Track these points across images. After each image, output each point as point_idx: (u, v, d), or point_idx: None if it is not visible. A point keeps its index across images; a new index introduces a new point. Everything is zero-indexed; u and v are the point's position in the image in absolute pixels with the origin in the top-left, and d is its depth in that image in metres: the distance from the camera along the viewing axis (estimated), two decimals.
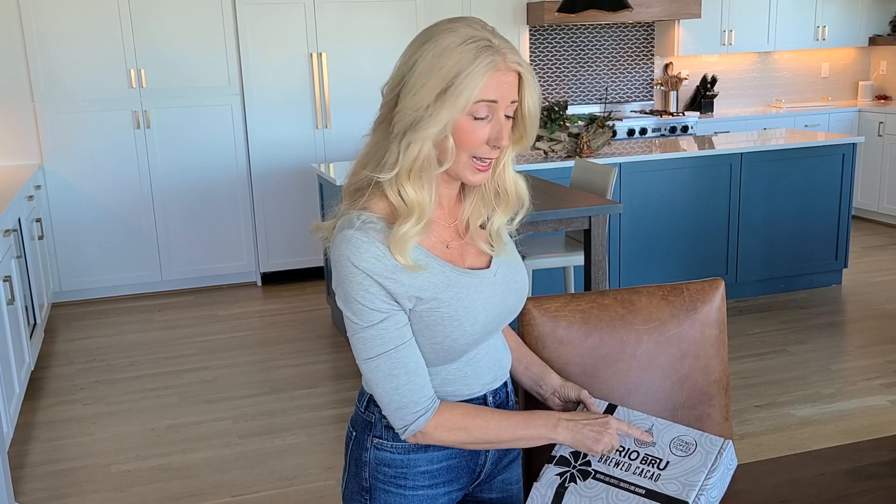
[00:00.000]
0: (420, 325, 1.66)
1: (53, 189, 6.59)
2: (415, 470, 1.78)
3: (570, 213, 4.51)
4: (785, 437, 4.22)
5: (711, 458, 1.67)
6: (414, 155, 1.60)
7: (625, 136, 7.76)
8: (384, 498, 1.80)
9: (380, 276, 1.61)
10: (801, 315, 5.96)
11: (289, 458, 4.18)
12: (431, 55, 1.58)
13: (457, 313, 1.67)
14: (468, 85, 1.56)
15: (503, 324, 1.81)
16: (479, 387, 1.79)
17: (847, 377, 4.92)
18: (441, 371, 1.74)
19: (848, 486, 1.85)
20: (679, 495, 1.61)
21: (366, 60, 6.93)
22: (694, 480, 1.63)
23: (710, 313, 2.09)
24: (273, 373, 5.24)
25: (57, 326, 6.24)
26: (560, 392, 1.91)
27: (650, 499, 1.63)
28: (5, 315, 4.37)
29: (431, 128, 1.58)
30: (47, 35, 6.39)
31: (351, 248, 1.61)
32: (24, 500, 3.85)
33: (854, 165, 6.40)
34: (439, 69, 1.57)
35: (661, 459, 1.69)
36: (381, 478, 1.79)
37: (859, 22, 8.86)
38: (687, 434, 1.73)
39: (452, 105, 1.57)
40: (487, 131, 1.62)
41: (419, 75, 1.58)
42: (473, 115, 1.60)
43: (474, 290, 1.70)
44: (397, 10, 6.97)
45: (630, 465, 1.70)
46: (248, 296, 6.88)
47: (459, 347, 1.70)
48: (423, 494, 1.80)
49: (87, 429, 4.59)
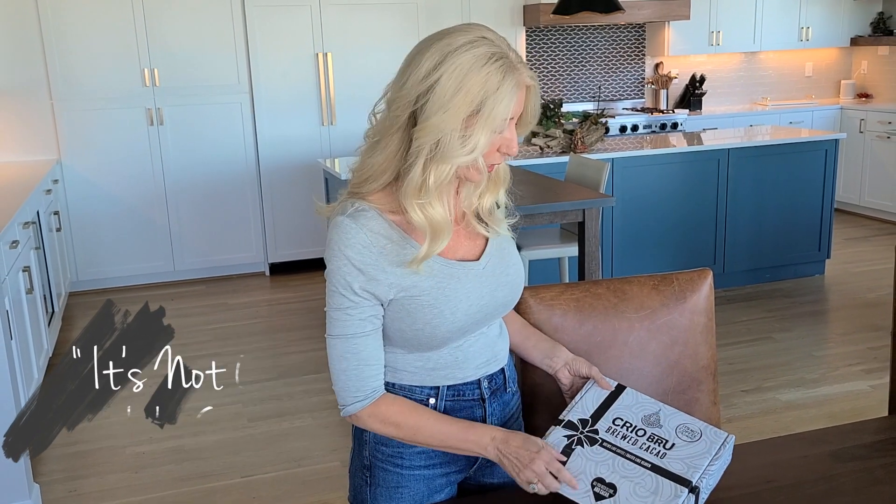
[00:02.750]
0: (402, 312, 1.66)
1: (70, 183, 6.58)
2: (411, 450, 1.78)
3: (564, 206, 4.50)
4: (770, 420, 4.22)
5: (716, 447, 1.67)
6: (443, 176, 1.58)
7: (617, 132, 7.74)
8: (382, 476, 1.80)
9: (362, 264, 1.62)
10: (786, 304, 5.95)
11: (296, 440, 4.18)
12: (456, 74, 1.53)
13: (437, 302, 1.65)
14: (500, 109, 1.54)
15: (494, 316, 1.79)
16: (471, 371, 1.78)
17: (830, 363, 4.91)
18: (433, 356, 1.73)
19: (830, 467, 1.84)
20: (683, 474, 1.61)
21: (369, 60, 6.92)
22: (698, 464, 1.63)
23: (699, 302, 2.08)
24: (281, 359, 5.24)
25: (74, 314, 6.23)
26: (572, 365, 1.87)
27: (656, 472, 1.62)
28: (25, 303, 4.37)
29: (465, 150, 1.56)
30: (65, 36, 6.38)
31: (340, 234, 1.62)
32: (42, 480, 3.85)
33: (836, 161, 6.39)
34: (467, 91, 1.53)
35: (668, 441, 1.68)
36: (380, 456, 1.79)
37: (841, 23, 8.84)
38: (693, 423, 1.73)
39: (487, 128, 1.55)
40: (499, 140, 1.62)
41: (445, 95, 1.53)
42: (498, 132, 1.59)
43: (457, 282, 1.68)
44: (399, 12, 6.96)
45: (637, 441, 1.69)
46: (257, 285, 6.87)
47: (441, 335, 1.68)
48: (419, 474, 1.79)
49: (102, 412, 4.57)
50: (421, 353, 1.73)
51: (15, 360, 3.70)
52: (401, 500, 1.79)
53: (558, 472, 1.62)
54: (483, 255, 1.75)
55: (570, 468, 1.65)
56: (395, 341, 1.72)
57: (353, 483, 1.86)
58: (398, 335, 1.70)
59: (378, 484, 1.80)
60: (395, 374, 1.75)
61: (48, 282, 5.39)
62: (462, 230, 1.75)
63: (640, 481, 1.61)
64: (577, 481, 1.63)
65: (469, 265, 1.72)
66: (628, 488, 1.61)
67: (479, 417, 1.81)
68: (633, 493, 1.60)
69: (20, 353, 4.04)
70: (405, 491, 1.79)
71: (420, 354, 1.73)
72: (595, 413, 1.76)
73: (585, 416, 1.75)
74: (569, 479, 1.62)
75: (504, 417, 1.87)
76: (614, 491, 1.61)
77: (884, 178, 8.14)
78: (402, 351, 1.73)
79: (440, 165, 1.57)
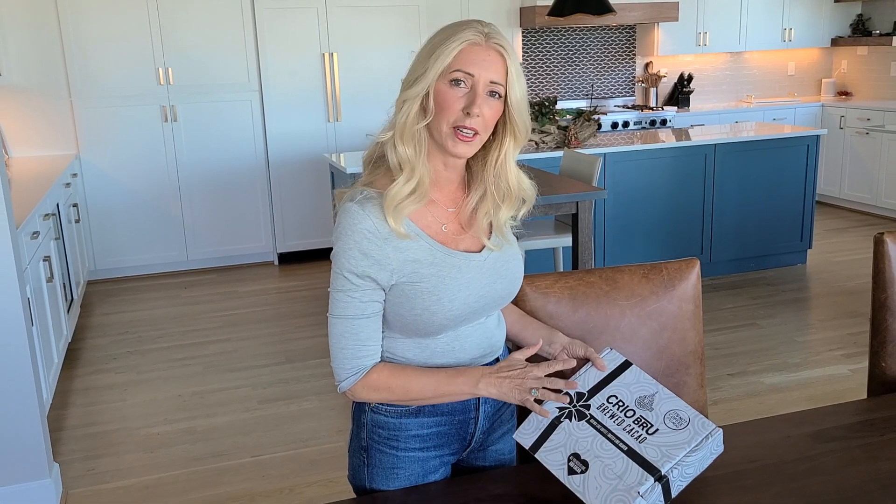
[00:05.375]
0: (402, 297, 1.65)
1: (89, 177, 6.58)
2: (406, 433, 1.77)
3: (559, 199, 4.49)
4: (755, 402, 4.22)
5: (697, 439, 1.60)
6: (405, 114, 1.64)
7: (609, 128, 7.72)
8: (378, 457, 1.79)
9: (367, 249, 1.62)
10: (770, 292, 5.95)
11: (303, 421, 4.18)
12: (432, 36, 1.66)
13: (436, 289, 1.65)
14: (447, 50, 1.61)
15: (492, 307, 1.77)
16: (466, 360, 1.76)
17: (811, 348, 4.91)
18: (430, 343, 1.72)
19: (811, 447, 1.84)
20: (655, 462, 1.56)
21: (373, 59, 6.91)
22: (673, 454, 1.58)
23: (687, 290, 2.07)
24: (289, 344, 5.24)
25: (92, 302, 6.23)
26: (569, 349, 1.84)
27: (628, 456, 1.58)
28: (45, 291, 4.36)
29: (417, 87, 1.62)
30: (83, 38, 6.37)
31: (347, 219, 1.63)
32: (61, 459, 3.85)
33: (818, 155, 6.38)
34: (431, 43, 1.65)
35: (652, 426, 1.63)
36: (377, 438, 1.79)
37: (822, 25, 8.82)
38: (685, 410, 1.67)
39: (433, 68, 1.61)
40: (464, 100, 1.62)
41: (419, 52, 1.67)
42: (451, 81, 1.62)
43: (457, 271, 1.67)
44: (402, 13, 6.94)
45: (623, 422, 1.65)
46: (266, 274, 6.87)
47: (438, 321, 1.67)
48: (413, 456, 1.78)
49: (119, 395, 4.58)
50: (419, 340, 1.72)
51: (36, 346, 3.70)
52: (396, 480, 1.78)
53: (552, 382, 1.69)
54: (485, 248, 1.74)
55: (553, 440, 1.64)
56: (394, 326, 1.71)
57: (352, 463, 1.85)
58: (397, 320, 1.69)
59: (375, 465, 1.79)
60: (392, 359, 1.74)
61: (67, 271, 5.39)
62: (466, 231, 1.74)
63: (610, 463, 1.58)
64: (556, 453, 1.62)
65: (470, 256, 1.71)
66: (599, 468, 1.58)
67: (472, 406, 1.79)
68: (601, 474, 1.57)
69: (41, 339, 4.04)
70: (400, 472, 1.78)
71: (418, 341, 1.72)
72: (594, 388, 1.72)
73: (583, 391, 1.71)
74: (571, 384, 1.70)
75: (497, 405, 1.85)
76: (586, 468, 1.59)
77: (863, 172, 8.13)
78: (401, 336, 1.72)
79: (405, 104, 1.64)
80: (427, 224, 1.69)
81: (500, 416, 1.88)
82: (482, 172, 1.73)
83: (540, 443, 1.65)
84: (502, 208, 1.74)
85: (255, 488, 3.57)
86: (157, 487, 3.61)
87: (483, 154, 1.72)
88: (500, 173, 1.72)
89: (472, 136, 1.63)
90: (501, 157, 1.71)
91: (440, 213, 1.72)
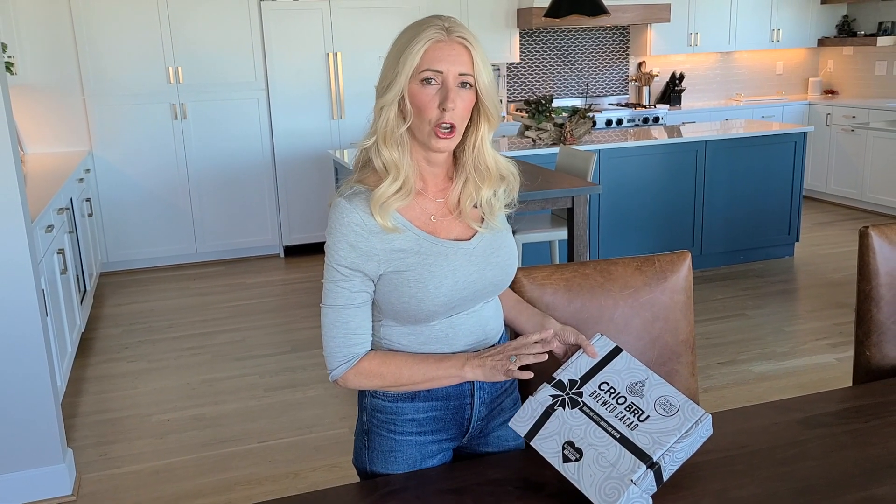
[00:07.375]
0: (390, 286, 1.66)
1: (101, 172, 6.57)
2: (403, 417, 1.76)
3: (555, 194, 4.49)
4: (744, 390, 4.22)
5: (688, 425, 1.59)
6: (384, 120, 1.65)
7: (603, 125, 7.71)
8: (378, 440, 1.79)
9: (354, 242, 1.63)
10: (758, 283, 5.94)
11: (308, 409, 4.18)
12: (396, 39, 1.68)
13: (422, 277, 1.64)
14: (413, 52, 1.61)
15: (484, 295, 1.75)
16: (460, 347, 1.74)
17: (798, 338, 4.91)
18: (424, 330, 1.71)
19: (799, 433, 1.84)
20: (647, 449, 1.55)
21: (376, 59, 6.88)
22: (664, 441, 1.57)
23: (678, 282, 2.07)
24: (294, 334, 5.23)
25: (104, 293, 6.23)
26: (561, 335, 1.80)
27: (621, 444, 1.57)
28: (59, 283, 4.36)
29: (391, 92, 1.63)
30: (96, 38, 6.36)
31: (336, 214, 1.65)
32: (74, 445, 3.85)
33: (805, 152, 6.37)
34: (397, 46, 1.65)
35: (644, 412, 1.62)
36: (376, 422, 1.78)
37: (809, 25, 8.80)
38: (674, 396, 1.65)
39: (403, 71, 1.62)
40: (437, 97, 1.62)
41: (387, 56, 1.67)
42: (422, 81, 1.62)
43: (443, 259, 1.67)
44: (404, 14, 6.92)
45: (615, 409, 1.63)
46: (273, 266, 6.86)
47: (427, 308, 1.66)
48: (411, 440, 1.77)
49: (130, 383, 4.58)
50: (413, 327, 1.71)
51: (50, 336, 3.69)
52: (395, 463, 1.78)
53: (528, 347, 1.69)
54: (475, 237, 1.73)
55: (548, 428, 1.62)
56: (386, 313, 1.71)
57: (356, 446, 1.85)
58: (389, 308, 1.69)
59: (375, 448, 1.79)
60: (389, 346, 1.73)
61: (80, 263, 5.38)
62: (455, 219, 1.73)
63: (604, 451, 1.57)
64: (551, 441, 1.61)
65: (459, 244, 1.70)
66: (592, 456, 1.57)
67: (467, 391, 1.77)
68: (595, 462, 1.56)
69: (55, 329, 4.04)
70: (399, 455, 1.77)
71: (412, 328, 1.71)
72: (586, 375, 1.70)
73: (575, 378, 1.70)
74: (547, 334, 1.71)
75: (494, 393, 1.83)
76: (580, 456, 1.57)
77: (848, 168, 8.12)
78: (395, 324, 1.72)
79: (382, 110, 1.65)
80: (415, 216, 1.69)
81: (500, 403, 1.86)
82: (462, 158, 1.74)
83: (535, 431, 1.64)
84: (483, 188, 1.74)
85: (261, 473, 3.57)
86: (168, 472, 3.61)
87: (462, 141, 1.72)
88: (479, 156, 1.73)
89: (450, 131, 1.64)
90: (478, 141, 1.72)
91: (428, 205, 1.72)
